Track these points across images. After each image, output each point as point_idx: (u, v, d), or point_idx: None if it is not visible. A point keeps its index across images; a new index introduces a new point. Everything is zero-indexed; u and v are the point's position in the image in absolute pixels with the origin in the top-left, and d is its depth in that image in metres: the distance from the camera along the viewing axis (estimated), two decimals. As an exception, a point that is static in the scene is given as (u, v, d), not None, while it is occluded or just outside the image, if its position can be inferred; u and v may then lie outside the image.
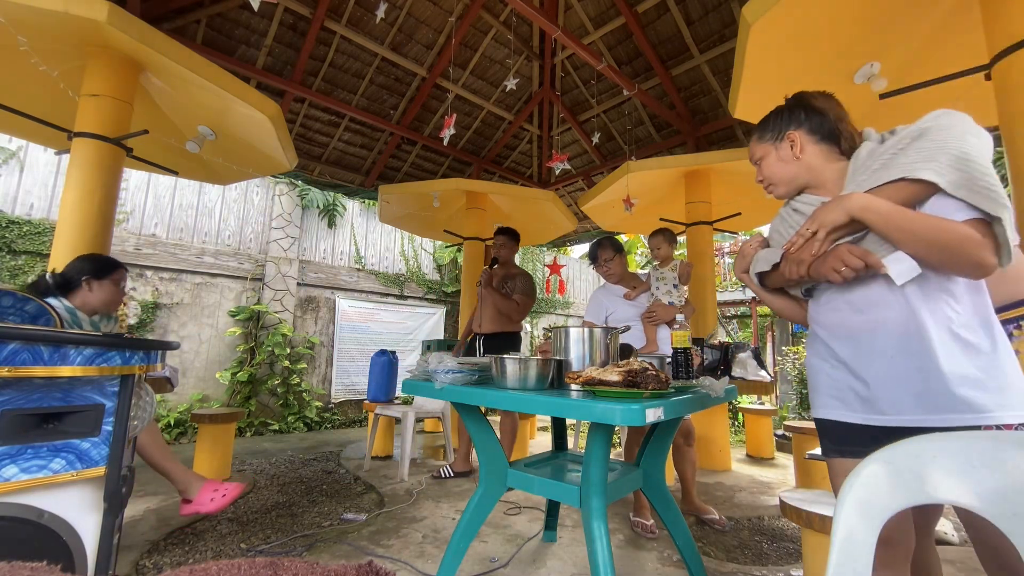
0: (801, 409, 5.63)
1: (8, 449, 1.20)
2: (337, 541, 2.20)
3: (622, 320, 2.63)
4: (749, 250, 1.24)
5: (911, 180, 0.92)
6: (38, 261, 4.14)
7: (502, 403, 1.41)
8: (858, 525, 0.63)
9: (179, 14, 3.49)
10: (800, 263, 1.04)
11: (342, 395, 5.93)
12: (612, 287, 2.77)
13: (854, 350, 1.01)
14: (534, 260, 8.70)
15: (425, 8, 4.22)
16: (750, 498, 3.04)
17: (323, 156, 5.04)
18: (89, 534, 1.32)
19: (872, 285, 1.00)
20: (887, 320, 0.97)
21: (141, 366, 1.40)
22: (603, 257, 2.71)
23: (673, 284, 2.65)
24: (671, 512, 1.77)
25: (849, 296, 1.03)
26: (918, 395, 0.92)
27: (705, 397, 1.51)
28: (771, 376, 3.92)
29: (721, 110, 4.50)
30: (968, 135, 0.90)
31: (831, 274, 0.97)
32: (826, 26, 2.27)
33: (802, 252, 1.03)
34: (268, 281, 5.49)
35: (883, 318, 0.97)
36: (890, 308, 0.97)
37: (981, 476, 0.60)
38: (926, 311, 0.93)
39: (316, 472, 3.45)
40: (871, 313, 0.99)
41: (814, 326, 1.13)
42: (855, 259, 0.94)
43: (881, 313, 0.98)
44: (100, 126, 2.42)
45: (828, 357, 1.07)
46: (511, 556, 2.07)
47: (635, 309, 2.67)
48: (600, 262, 2.73)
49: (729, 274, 9.85)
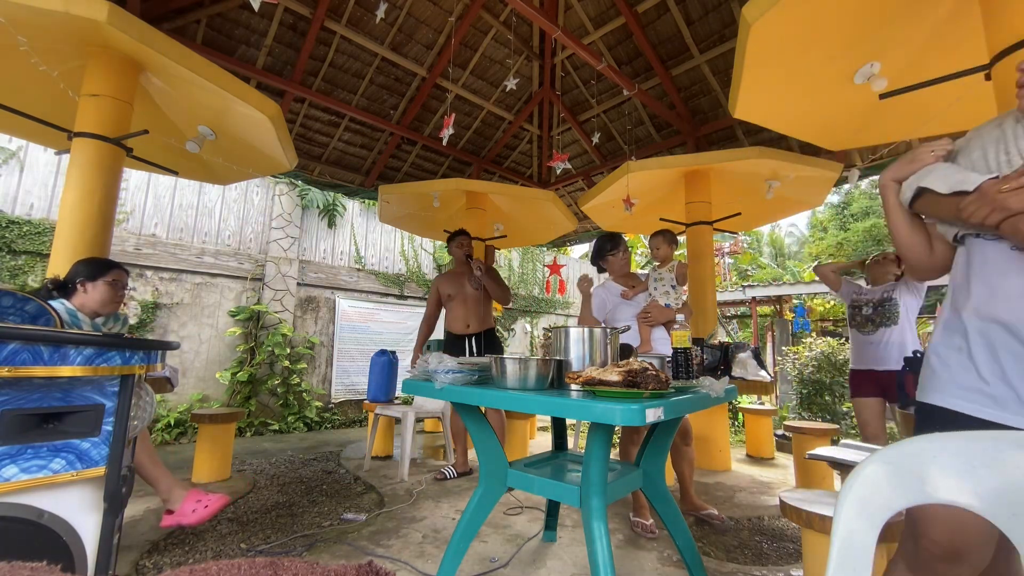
0: (801, 409, 5.63)
1: (8, 449, 1.20)
2: (337, 541, 2.20)
3: (620, 319, 2.65)
4: (926, 156, 0.94)
5: None
6: (38, 261, 4.14)
7: (502, 403, 1.41)
8: (858, 525, 0.63)
9: (179, 14, 3.49)
10: (1004, 209, 0.75)
11: (342, 395, 5.93)
12: (612, 285, 2.78)
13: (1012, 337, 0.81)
14: (534, 260, 8.70)
15: (425, 8, 4.22)
16: (750, 498, 3.04)
17: (323, 156, 5.04)
18: (89, 534, 1.32)
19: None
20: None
21: (141, 366, 1.40)
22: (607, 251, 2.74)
23: (671, 285, 2.66)
24: (671, 512, 1.77)
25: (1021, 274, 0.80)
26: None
27: (705, 397, 1.51)
28: (771, 376, 3.92)
29: (721, 110, 4.50)
30: None
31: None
32: (826, 26, 2.26)
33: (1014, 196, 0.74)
34: (268, 281, 5.49)
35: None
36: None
37: (981, 476, 0.60)
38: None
39: (316, 472, 3.45)
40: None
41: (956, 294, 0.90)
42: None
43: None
44: (100, 126, 2.42)
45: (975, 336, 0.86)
46: (511, 556, 2.07)
47: (633, 308, 2.67)
48: (603, 256, 2.75)
49: (730, 273, 9.84)
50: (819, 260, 14.72)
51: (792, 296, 8.23)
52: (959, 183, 0.83)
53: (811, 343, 5.87)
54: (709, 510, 2.55)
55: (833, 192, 6.03)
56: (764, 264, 15.69)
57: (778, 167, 3.60)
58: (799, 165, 3.54)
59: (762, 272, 14.75)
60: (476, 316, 3.28)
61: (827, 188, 4.00)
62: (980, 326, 0.86)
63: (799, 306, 8.21)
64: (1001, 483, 0.59)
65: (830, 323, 8.63)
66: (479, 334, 3.27)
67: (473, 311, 3.29)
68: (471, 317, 3.28)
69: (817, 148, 3.88)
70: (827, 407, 5.41)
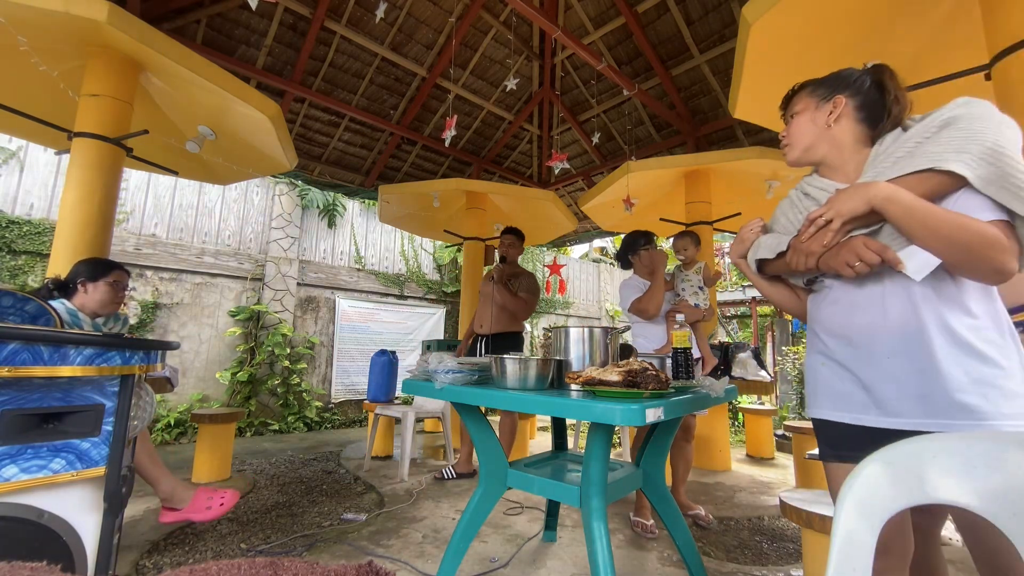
0: (801, 409, 5.63)
1: (8, 449, 1.20)
2: (337, 541, 2.20)
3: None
4: (749, 235, 1.16)
5: (938, 171, 0.86)
6: (38, 261, 4.14)
7: (502, 403, 1.41)
8: (858, 525, 0.63)
9: (179, 14, 3.49)
10: (810, 254, 0.96)
11: (342, 395, 5.93)
12: (638, 281, 2.73)
13: (854, 349, 0.97)
14: (534, 260, 8.70)
15: (425, 8, 4.22)
16: (750, 498, 3.04)
17: (323, 156, 5.04)
18: (89, 534, 1.32)
19: (877, 281, 0.94)
20: (889, 319, 0.93)
21: (141, 366, 1.40)
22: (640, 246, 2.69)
23: (699, 286, 2.67)
24: (671, 512, 1.77)
25: (853, 292, 0.98)
26: (918, 398, 0.89)
27: (705, 397, 1.51)
28: (771, 376, 3.92)
29: (721, 110, 4.50)
30: (1003, 126, 0.83)
31: (843, 268, 0.91)
32: (826, 26, 2.27)
33: (812, 242, 0.96)
34: (268, 281, 5.49)
35: (885, 317, 0.93)
36: (893, 307, 0.92)
37: (981, 476, 0.60)
38: (930, 312, 0.89)
39: (316, 472, 3.45)
40: (873, 311, 0.95)
41: (813, 323, 1.08)
42: (871, 254, 0.87)
43: (883, 312, 0.93)
44: (100, 126, 2.42)
45: (827, 355, 1.03)
46: (511, 556, 2.07)
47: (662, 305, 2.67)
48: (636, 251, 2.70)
49: (730, 273, 9.85)
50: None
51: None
52: (777, 247, 1.07)
53: (811, 343, 5.86)
54: (696, 510, 2.56)
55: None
56: (764, 264, 15.64)
57: (778, 167, 3.60)
58: (799, 165, 3.54)
59: (762, 272, 14.70)
60: (491, 317, 3.29)
61: (827, 188, 3.99)
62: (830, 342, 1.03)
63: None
64: (1001, 483, 0.59)
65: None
66: (491, 336, 3.28)
67: (488, 312, 3.30)
68: (485, 317, 3.30)
69: (817, 148, 3.87)
70: (827, 407, 5.40)
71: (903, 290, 0.92)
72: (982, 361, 0.86)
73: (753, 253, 1.13)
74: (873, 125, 1.02)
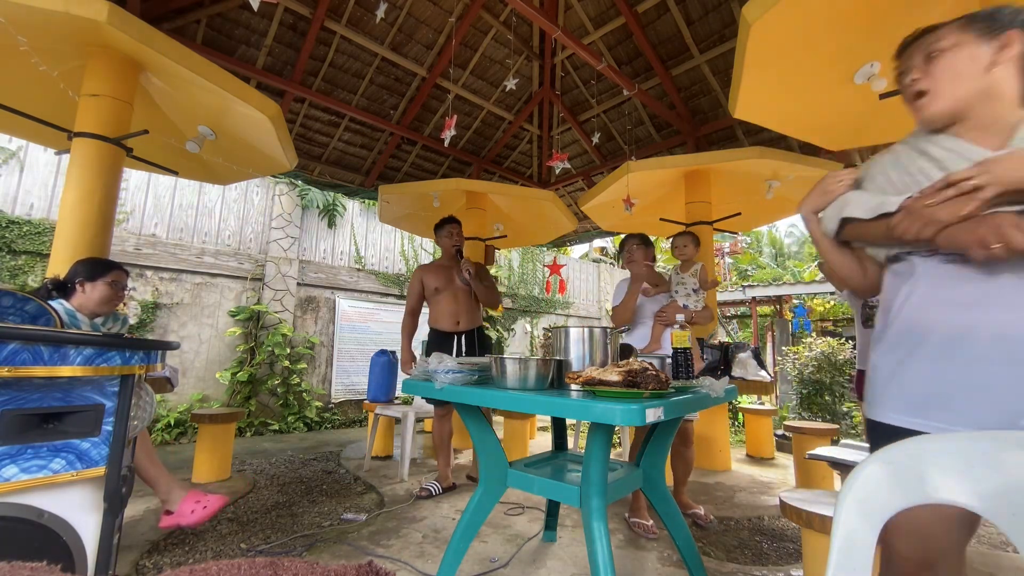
0: (801, 409, 5.63)
1: (8, 449, 1.20)
2: (337, 541, 2.20)
3: (641, 315, 2.68)
4: (836, 187, 0.98)
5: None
6: (38, 261, 4.14)
7: (502, 403, 1.41)
8: (858, 525, 0.63)
9: (179, 14, 3.49)
10: (932, 222, 0.78)
11: (342, 395, 5.93)
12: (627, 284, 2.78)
13: (943, 349, 0.82)
14: (534, 260, 8.70)
15: (425, 8, 4.22)
16: (750, 498, 3.04)
17: (323, 156, 5.04)
18: (89, 534, 1.32)
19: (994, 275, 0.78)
20: (993, 320, 0.78)
21: (141, 366, 1.40)
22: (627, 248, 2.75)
23: (693, 288, 2.67)
24: (671, 512, 1.77)
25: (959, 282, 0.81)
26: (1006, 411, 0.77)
27: (705, 397, 1.51)
28: (771, 376, 3.92)
29: (721, 110, 4.50)
30: None
31: (975, 248, 0.74)
32: (826, 26, 2.26)
33: (943, 208, 0.77)
34: (268, 281, 5.49)
35: (989, 318, 0.78)
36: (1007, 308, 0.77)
37: (981, 476, 0.60)
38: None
39: (316, 472, 3.45)
40: (977, 310, 0.80)
41: (892, 309, 0.91)
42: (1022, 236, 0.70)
43: (989, 312, 0.79)
44: (100, 126, 2.42)
45: (906, 352, 0.87)
46: (511, 556, 2.07)
47: (652, 305, 2.68)
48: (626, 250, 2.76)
49: (730, 273, 9.84)
50: (819, 260, 14.69)
51: (792, 296, 8.23)
52: (880, 206, 0.87)
53: (811, 343, 5.87)
54: (695, 509, 2.56)
55: (833, 192, 6.01)
56: (764, 264, 15.69)
57: (778, 167, 3.60)
58: (799, 165, 3.54)
59: (762, 272, 14.75)
60: (467, 312, 3.07)
61: (827, 188, 3.99)
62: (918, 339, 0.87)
63: (799, 306, 8.21)
64: (1001, 483, 0.59)
65: (830, 323, 8.63)
66: (470, 332, 3.08)
67: (464, 307, 3.08)
68: (462, 313, 3.05)
69: (817, 148, 3.88)
70: (827, 407, 5.41)
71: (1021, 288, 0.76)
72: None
73: (839, 210, 0.94)
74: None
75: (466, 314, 3.09)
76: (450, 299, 3.07)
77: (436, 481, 2.98)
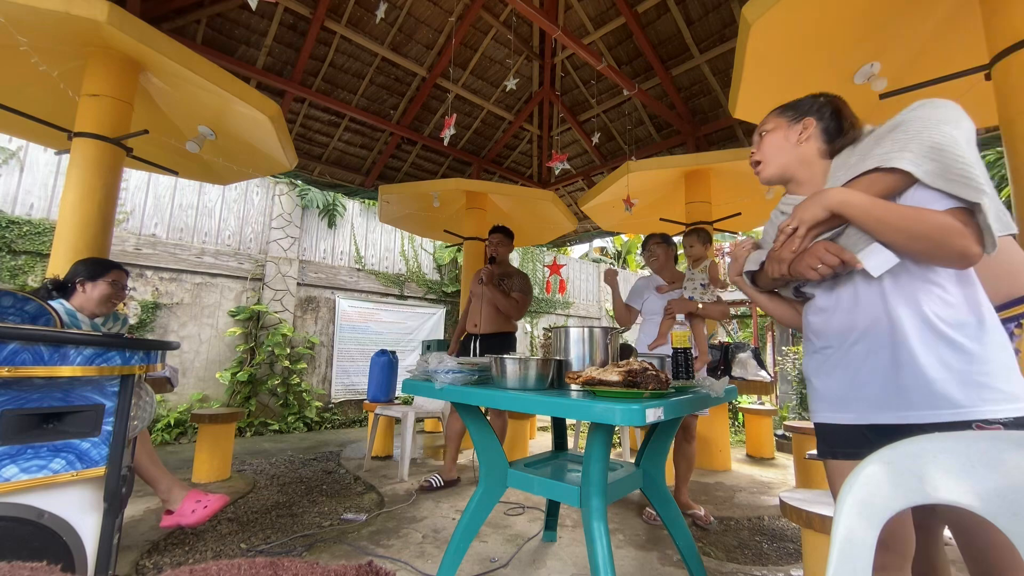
0: (801, 409, 5.63)
1: (8, 449, 1.20)
2: (337, 541, 2.20)
3: (652, 311, 2.71)
4: (741, 252, 1.24)
5: (885, 170, 0.92)
6: (38, 261, 4.14)
7: (502, 403, 1.41)
8: (858, 525, 0.63)
9: (179, 14, 3.49)
10: (781, 261, 1.03)
11: (342, 395, 5.93)
12: (655, 277, 2.81)
13: (837, 351, 1.02)
14: (534, 260, 8.70)
15: (425, 8, 4.22)
16: (750, 498, 3.04)
17: (323, 156, 5.04)
18: (89, 534, 1.32)
19: (852, 282, 0.99)
20: (866, 317, 0.96)
21: (141, 366, 1.40)
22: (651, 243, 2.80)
23: (701, 283, 2.67)
24: (671, 512, 1.77)
25: (833, 295, 1.03)
26: (899, 391, 0.91)
27: (705, 397, 1.51)
28: (771, 376, 3.92)
29: (721, 110, 4.50)
30: (942, 124, 0.88)
31: (808, 272, 0.97)
32: (826, 26, 2.27)
33: (783, 250, 1.03)
34: (268, 281, 5.49)
35: (859, 316, 0.97)
36: (866, 306, 0.97)
37: (981, 476, 0.60)
38: (903, 305, 0.92)
39: (316, 472, 3.45)
40: (851, 311, 0.99)
41: (805, 329, 1.13)
42: (830, 256, 0.94)
43: (861, 310, 0.97)
44: (100, 126, 2.42)
45: (817, 359, 1.07)
46: (511, 556, 2.07)
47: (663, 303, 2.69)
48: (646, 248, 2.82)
49: (730, 272, 9.85)
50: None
51: (792, 296, 8.21)
52: (759, 258, 1.16)
53: (811, 343, 5.86)
54: (695, 509, 2.56)
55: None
56: (764, 264, 15.65)
57: (778, 167, 3.59)
58: (799, 165, 3.53)
59: (762, 272, 14.70)
60: (485, 317, 3.19)
61: (827, 188, 3.99)
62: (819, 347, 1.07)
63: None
64: (1001, 483, 0.59)
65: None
66: (484, 336, 3.18)
67: (482, 311, 3.21)
68: (480, 317, 3.20)
69: (817, 148, 3.87)
70: (827, 407, 5.40)
71: (875, 288, 0.96)
72: (958, 349, 0.87)
73: (745, 267, 1.21)
74: (832, 142, 1.09)
75: (484, 318, 3.20)
76: (475, 302, 3.25)
77: (438, 474, 3.10)
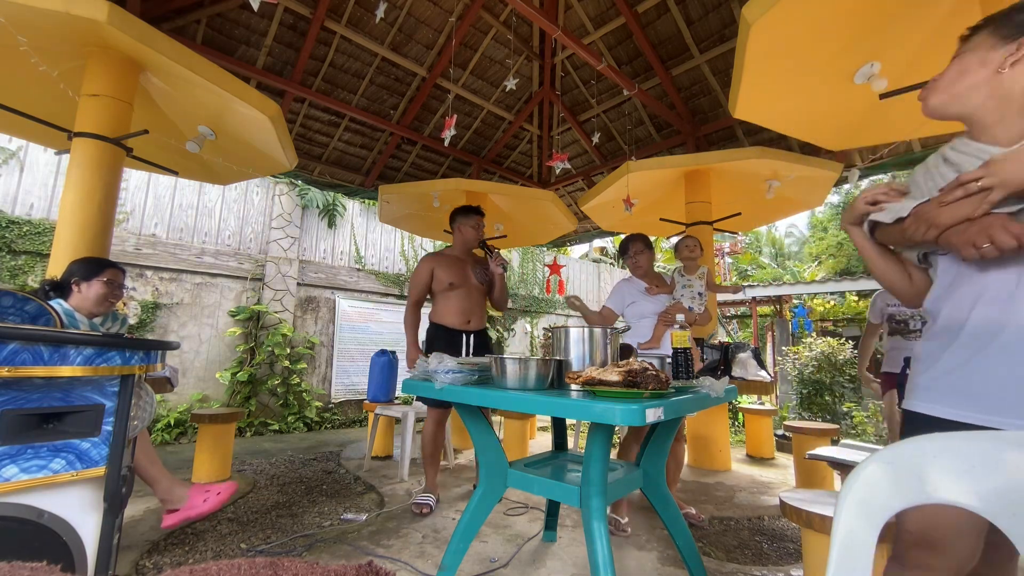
0: (801, 409, 5.63)
1: (8, 449, 1.20)
2: (337, 541, 2.20)
3: (640, 314, 2.69)
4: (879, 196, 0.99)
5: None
6: (38, 261, 4.14)
7: (502, 403, 1.41)
8: (858, 525, 0.63)
9: (179, 14, 3.49)
10: (935, 225, 0.81)
11: (342, 395, 5.93)
12: (636, 281, 2.79)
13: (974, 346, 0.84)
14: (534, 260, 8.70)
15: (425, 8, 4.22)
16: (750, 498, 3.04)
17: (323, 156, 5.04)
18: (89, 534, 1.32)
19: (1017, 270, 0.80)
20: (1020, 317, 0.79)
21: (141, 366, 1.40)
22: (633, 250, 2.77)
23: (699, 292, 2.67)
24: (671, 512, 1.77)
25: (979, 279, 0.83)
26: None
27: (705, 397, 1.51)
28: (771, 376, 3.92)
29: (721, 110, 4.50)
30: None
31: (966, 248, 0.76)
32: (826, 26, 2.26)
33: (947, 211, 0.79)
34: (268, 281, 5.49)
35: (1019, 312, 0.80)
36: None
37: (981, 476, 0.60)
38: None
39: (316, 472, 3.45)
40: (1005, 305, 0.81)
41: (931, 307, 0.93)
42: (1008, 237, 0.72)
43: (1018, 307, 0.80)
44: (100, 126, 2.42)
45: (943, 347, 0.89)
46: (511, 556, 2.07)
47: (654, 305, 2.69)
48: (630, 254, 2.79)
49: (730, 274, 9.84)
50: (819, 260, 14.73)
51: (792, 296, 8.23)
52: (898, 211, 0.91)
53: (811, 343, 5.87)
54: (687, 509, 2.57)
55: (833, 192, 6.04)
56: (764, 264, 15.69)
57: (778, 167, 3.59)
58: (799, 165, 3.54)
59: (762, 272, 14.75)
60: (480, 311, 2.91)
61: (827, 188, 4.00)
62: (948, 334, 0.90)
63: (800, 306, 8.21)
64: (1001, 483, 0.59)
65: (830, 323, 8.63)
66: (479, 332, 2.95)
67: (478, 305, 2.92)
68: (474, 312, 2.89)
69: (817, 148, 3.88)
70: (827, 407, 5.41)
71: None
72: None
73: (875, 216, 0.97)
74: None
75: (478, 313, 2.93)
76: (464, 295, 2.87)
77: (428, 493, 2.72)
